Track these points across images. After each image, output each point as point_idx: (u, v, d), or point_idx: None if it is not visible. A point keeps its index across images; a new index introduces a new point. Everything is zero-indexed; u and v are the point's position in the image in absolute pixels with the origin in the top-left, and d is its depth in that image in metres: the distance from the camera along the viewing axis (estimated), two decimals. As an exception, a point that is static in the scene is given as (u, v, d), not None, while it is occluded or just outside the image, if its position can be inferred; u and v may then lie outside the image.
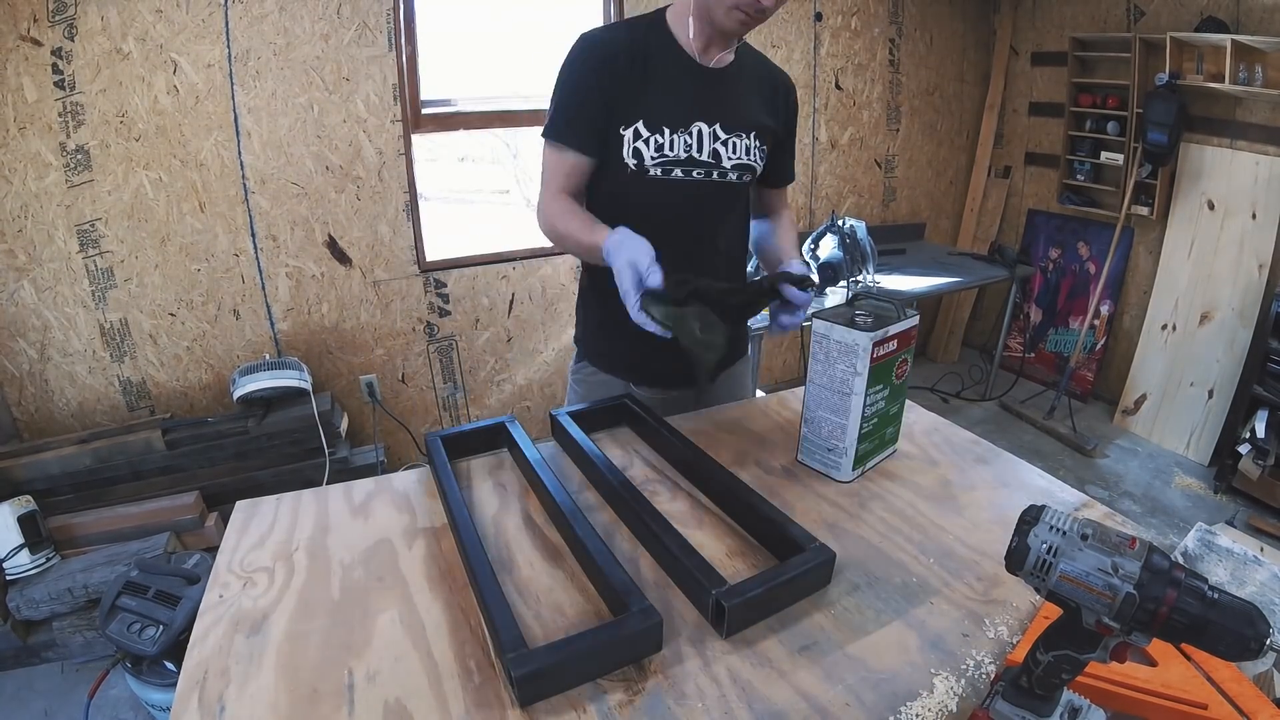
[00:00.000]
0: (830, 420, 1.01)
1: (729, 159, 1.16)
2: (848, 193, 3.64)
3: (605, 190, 1.19)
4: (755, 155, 1.19)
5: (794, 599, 0.78)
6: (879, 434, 1.04)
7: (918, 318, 1.01)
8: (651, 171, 1.13)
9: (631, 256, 0.95)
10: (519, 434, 1.06)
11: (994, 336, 3.84)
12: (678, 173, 1.14)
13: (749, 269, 1.42)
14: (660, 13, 1.15)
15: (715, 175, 1.16)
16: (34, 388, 2.28)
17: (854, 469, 1.02)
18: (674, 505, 0.98)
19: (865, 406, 0.98)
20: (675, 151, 1.12)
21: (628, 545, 0.89)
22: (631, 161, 1.12)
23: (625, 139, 1.11)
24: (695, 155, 1.13)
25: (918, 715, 0.64)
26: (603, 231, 1.04)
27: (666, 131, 1.11)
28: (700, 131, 1.13)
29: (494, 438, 1.11)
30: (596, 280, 1.28)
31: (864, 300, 1.04)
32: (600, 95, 1.09)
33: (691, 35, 1.11)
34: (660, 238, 1.11)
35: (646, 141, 1.11)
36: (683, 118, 1.12)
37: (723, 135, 1.14)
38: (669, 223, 1.16)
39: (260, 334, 2.52)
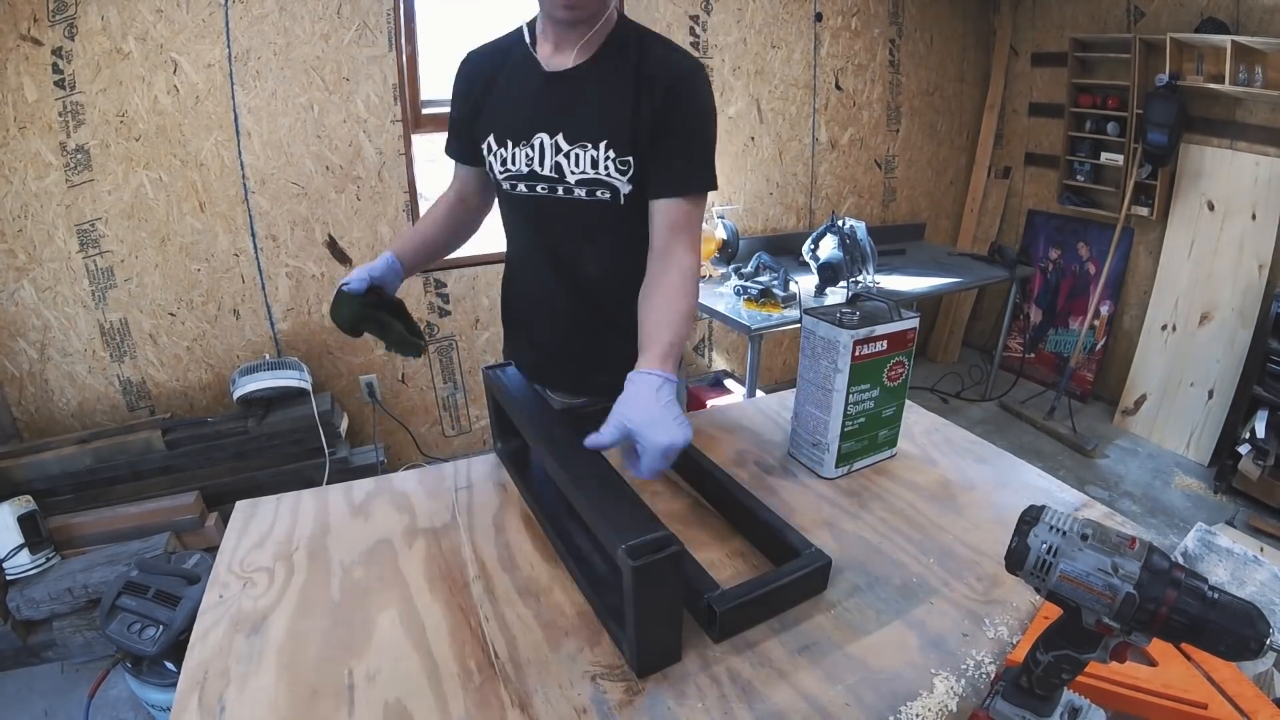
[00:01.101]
0: (815, 416, 1.01)
1: (572, 173, 1.04)
2: (848, 193, 3.64)
3: (499, 194, 1.20)
4: (608, 168, 1.02)
5: (789, 604, 0.78)
6: (868, 434, 1.04)
7: (915, 320, 1.01)
8: (504, 186, 1.11)
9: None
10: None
11: (994, 337, 3.84)
12: (522, 188, 1.09)
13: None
14: (536, 16, 1.09)
15: (560, 191, 1.06)
16: (34, 387, 2.28)
17: (838, 466, 1.02)
18: (673, 505, 0.98)
19: (848, 404, 0.98)
20: (518, 165, 1.07)
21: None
22: (493, 176, 1.12)
23: (484, 152, 1.11)
24: (537, 169, 1.05)
25: (918, 715, 0.64)
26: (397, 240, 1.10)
27: (509, 144, 1.06)
28: (542, 143, 1.04)
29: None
30: (504, 282, 1.31)
31: (865, 301, 1.04)
32: (463, 111, 1.12)
33: (538, 31, 1.07)
34: (527, 255, 1.19)
35: (495, 155, 1.09)
36: (524, 129, 1.05)
37: (565, 146, 1.03)
38: (532, 239, 1.16)
39: (260, 334, 2.52)
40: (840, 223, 2.84)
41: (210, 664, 0.70)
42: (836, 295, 2.72)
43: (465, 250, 1.30)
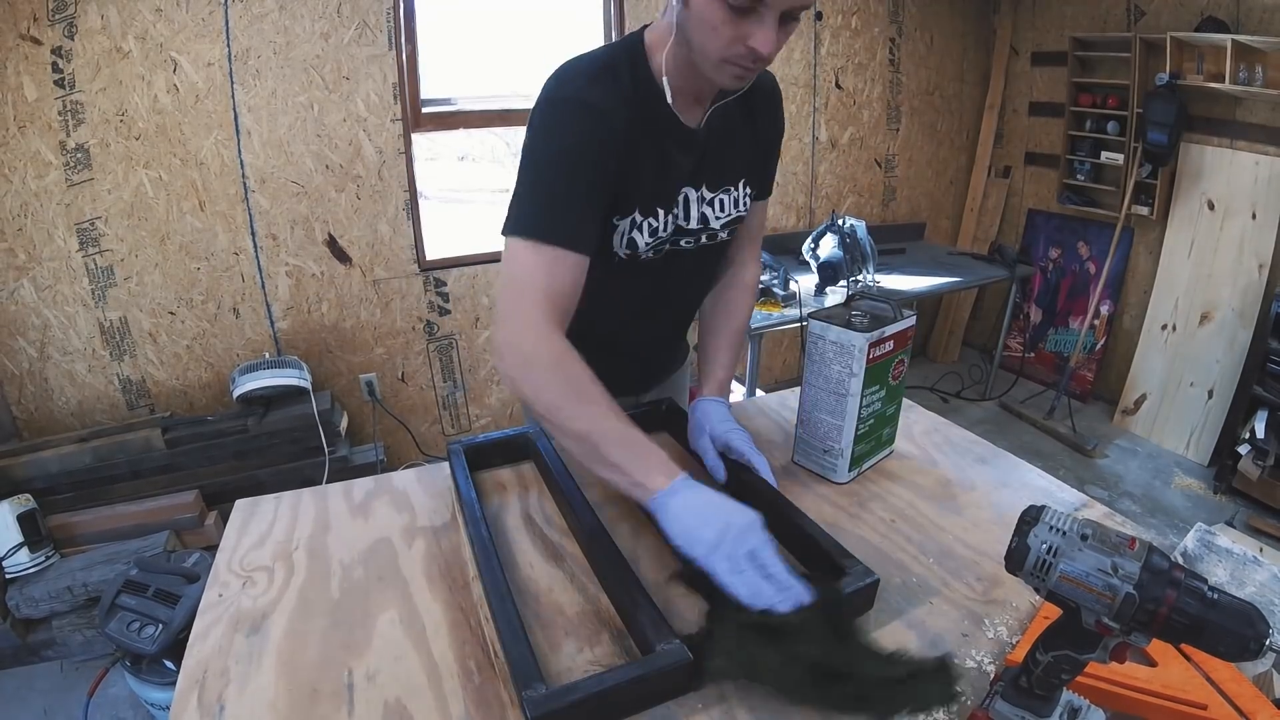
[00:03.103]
0: (826, 421, 1.01)
1: (716, 219, 1.01)
2: (848, 192, 3.64)
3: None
4: (745, 203, 1.04)
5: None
6: (875, 435, 1.04)
7: (914, 318, 1.01)
8: (644, 256, 0.97)
9: (747, 544, 0.68)
10: (545, 447, 1.01)
11: (994, 336, 3.84)
12: (667, 248, 1.00)
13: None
14: (639, 43, 0.89)
15: (704, 239, 1.02)
16: (34, 386, 2.27)
17: (850, 470, 1.02)
18: None
19: (862, 408, 0.97)
20: (667, 231, 0.97)
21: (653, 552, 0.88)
22: (624, 251, 0.95)
23: (620, 229, 0.93)
24: (683, 225, 0.98)
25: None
26: (654, 471, 0.73)
27: (661, 213, 0.94)
28: (687, 198, 0.97)
29: (520, 448, 1.07)
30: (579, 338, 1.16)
31: (861, 300, 1.04)
32: (607, 175, 0.85)
33: (675, 88, 0.88)
34: (638, 309, 1.08)
35: (640, 227, 0.93)
36: (673, 191, 0.95)
37: (709, 195, 0.99)
38: (651, 296, 1.06)
39: (260, 333, 2.51)
40: (840, 222, 2.84)
41: (210, 663, 0.70)
42: (836, 294, 2.72)
43: (464, 249, 1.26)
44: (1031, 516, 0.56)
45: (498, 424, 3.09)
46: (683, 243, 1.00)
